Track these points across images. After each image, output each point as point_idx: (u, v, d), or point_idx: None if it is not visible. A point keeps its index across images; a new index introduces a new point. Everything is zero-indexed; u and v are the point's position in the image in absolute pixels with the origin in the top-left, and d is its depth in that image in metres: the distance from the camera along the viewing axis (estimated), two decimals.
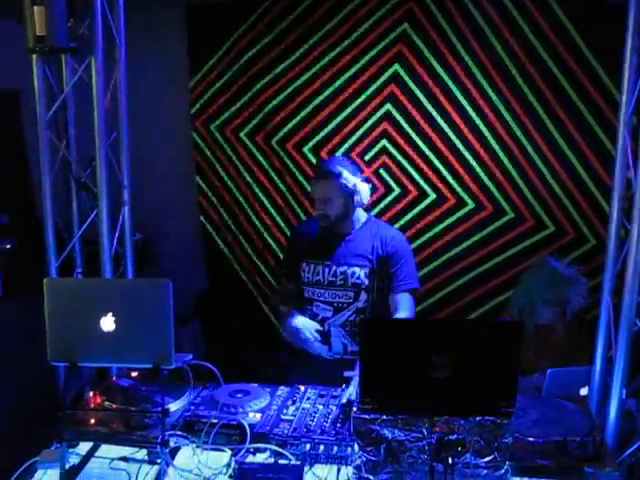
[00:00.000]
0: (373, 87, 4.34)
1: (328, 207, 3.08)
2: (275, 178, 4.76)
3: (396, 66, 4.27)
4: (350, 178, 3.07)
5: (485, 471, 2.04)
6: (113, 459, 2.32)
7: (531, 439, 2.34)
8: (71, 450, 2.35)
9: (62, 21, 3.04)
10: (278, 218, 4.82)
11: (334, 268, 3.14)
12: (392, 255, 3.12)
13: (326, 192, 3.07)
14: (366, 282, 3.12)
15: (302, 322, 3.10)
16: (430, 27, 4.15)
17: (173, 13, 4.61)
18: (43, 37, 3.03)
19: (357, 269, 3.12)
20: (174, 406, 2.56)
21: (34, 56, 3.26)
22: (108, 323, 2.34)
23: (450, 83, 4.18)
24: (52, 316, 2.39)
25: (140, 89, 3.78)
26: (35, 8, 2.97)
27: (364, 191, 3.12)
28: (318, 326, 3.10)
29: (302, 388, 2.78)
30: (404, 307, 3.08)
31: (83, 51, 3.30)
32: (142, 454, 2.35)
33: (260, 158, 4.76)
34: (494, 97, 4.13)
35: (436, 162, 4.33)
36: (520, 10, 3.98)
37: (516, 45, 4.03)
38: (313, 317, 3.18)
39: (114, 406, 2.56)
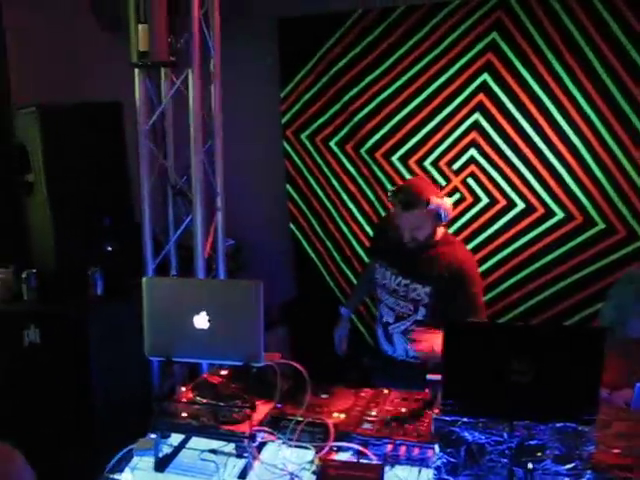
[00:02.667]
0: (461, 97, 4.36)
1: (417, 233, 3.06)
2: (364, 186, 4.82)
3: (485, 75, 4.27)
4: (436, 201, 3.01)
5: (566, 479, 2.05)
6: (203, 451, 2.40)
7: (616, 451, 2.31)
8: (164, 440, 2.45)
9: (163, 38, 3.22)
10: (366, 226, 4.88)
11: (400, 279, 3.18)
12: (455, 279, 3.06)
13: (416, 221, 3.03)
14: (426, 300, 3.12)
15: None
16: (519, 35, 4.13)
17: (266, 26, 4.74)
18: (146, 52, 3.21)
19: (419, 286, 3.12)
20: (261, 403, 2.63)
21: (136, 70, 3.45)
22: (202, 321, 2.47)
23: (539, 92, 4.14)
24: (149, 313, 2.54)
25: (233, 99, 3.92)
26: (140, 26, 3.15)
27: (449, 208, 3.08)
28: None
29: (386, 391, 2.83)
30: None
31: (181, 64, 3.46)
32: (230, 447, 2.42)
33: (349, 167, 4.84)
34: (585, 105, 4.07)
35: (525, 172, 4.29)
36: (612, 13, 3.89)
37: (608, 50, 3.95)
38: (381, 317, 3.33)
39: (204, 401, 2.64)
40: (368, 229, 4.86)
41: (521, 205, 4.36)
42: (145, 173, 3.61)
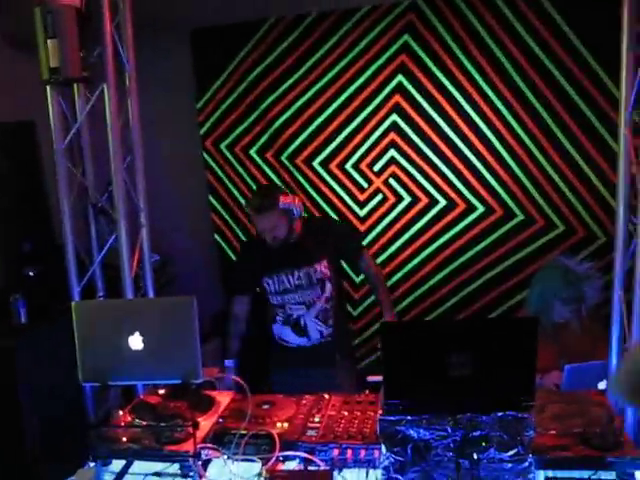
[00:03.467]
0: (378, 99, 4.43)
1: (276, 232, 3.28)
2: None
3: (400, 77, 4.35)
4: (284, 200, 3.28)
5: (509, 465, 2.10)
6: (147, 475, 2.36)
7: (552, 432, 2.39)
8: (105, 468, 2.40)
9: (75, 53, 3.13)
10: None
11: (296, 273, 3.38)
12: (338, 239, 3.45)
13: (271, 222, 3.27)
14: (328, 273, 3.41)
15: None
16: (430, 37, 4.24)
17: (179, 37, 4.71)
18: (57, 69, 3.11)
19: (317, 265, 3.39)
20: (203, 419, 2.60)
21: (48, 87, 3.35)
22: (136, 342, 2.43)
23: (453, 90, 4.27)
24: (81, 339, 2.47)
25: (150, 113, 3.85)
26: (49, 41, 3.06)
27: (299, 204, 3.34)
28: None
29: (327, 396, 2.83)
30: (369, 264, 3.55)
31: (95, 79, 3.38)
32: (175, 468, 2.38)
33: (271, 174, 4.85)
34: (497, 101, 4.21)
35: (444, 169, 4.40)
36: (516, 14, 4.07)
37: (515, 49, 4.12)
38: (288, 317, 3.46)
39: (144, 423, 2.58)
40: None
41: (443, 202, 4.46)
42: (64, 193, 3.50)
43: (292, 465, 2.39)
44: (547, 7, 3.99)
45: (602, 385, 3.12)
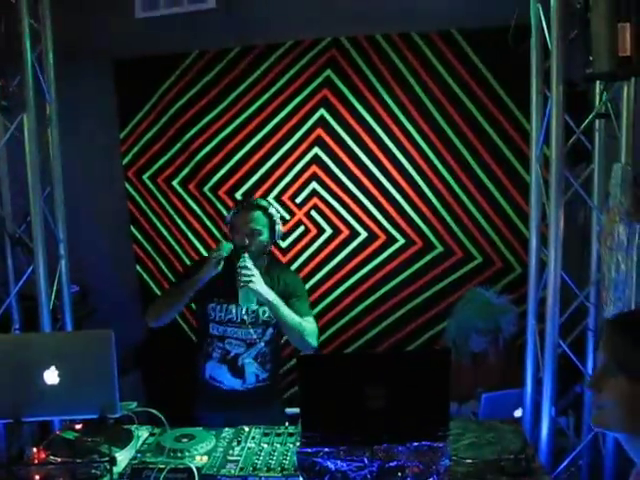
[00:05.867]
0: (300, 132, 4.48)
1: (255, 237, 3.20)
2: (209, 224, 4.82)
3: (322, 110, 4.42)
4: (276, 211, 3.29)
5: None
6: None
7: (468, 461, 2.45)
8: None
9: None
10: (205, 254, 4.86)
11: (245, 307, 3.21)
12: (291, 290, 3.29)
13: (257, 223, 3.21)
14: (274, 318, 3.24)
15: None
16: (352, 72, 4.32)
17: (101, 67, 4.66)
18: None
19: (266, 307, 3.21)
20: (121, 455, 2.56)
21: None
22: (51, 376, 2.38)
23: (374, 124, 4.35)
24: None
25: (71, 142, 3.82)
26: None
27: (281, 227, 3.31)
28: None
29: (246, 428, 2.83)
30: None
31: (14, 108, 3.32)
32: None
33: (193, 206, 4.82)
34: (416, 135, 4.32)
35: (365, 201, 4.47)
36: (435, 52, 4.20)
37: (434, 85, 4.24)
38: (225, 354, 3.28)
39: (59, 460, 2.53)
40: None
41: (364, 234, 4.52)
42: None
43: None
44: (463, 46, 4.14)
45: (518, 413, 3.21)
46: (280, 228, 3.29)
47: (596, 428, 1.88)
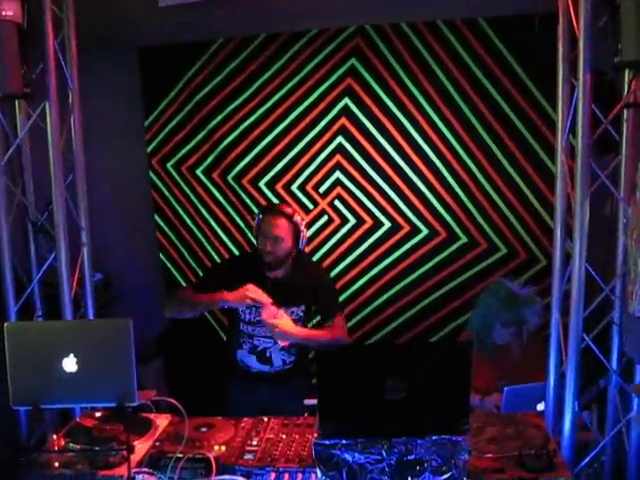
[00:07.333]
0: (324, 121, 4.46)
1: (278, 245, 3.27)
2: (232, 213, 4.82)
3: (346, 100, 4.39)
4: (299, 220, 3.33)
5: None
6: None
7: (489, 455, 2.41)
8: None
9: (16, 68, 3.08)
10: (236, 253, 4.87)
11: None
12: (319, 290, 3.43)
13: (281, 230, 3.27)
14: (302, 316, 3.42)
15: None
16: (377, 61, 4.30)
17: (126, 55, 4.68)
18: None
19: (295, 308, 3.38)
20: (139, 443, 2.56)
21: None
22: (70, 364, 2.38)
23: (398, 113, 4.32)
24: (13, 361, 2.41)
25: (95, 130, 3.82)
26: None
27: (305, 236, 3.38)
28: None
29: (265, 419, 2.82)
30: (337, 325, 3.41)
31: (37, 96, 3.33)
32: None
33: (217, 194, 4.82)
34: (441, 125, 4.28)
35: (389, 191, 4.44)
36: (460, 40, 4.16)
37: (459, 74, 4.20)
38: (253, 348, 3.42)
39: (78, 447, 2.54)
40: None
41: (387, 224, 4.49)
42: (2, 211, 3.42)
43: None
44: (489, 33, 4.09)
45: (540, 407, 3.17)
46: (303, 238, 3.35)
47: None
